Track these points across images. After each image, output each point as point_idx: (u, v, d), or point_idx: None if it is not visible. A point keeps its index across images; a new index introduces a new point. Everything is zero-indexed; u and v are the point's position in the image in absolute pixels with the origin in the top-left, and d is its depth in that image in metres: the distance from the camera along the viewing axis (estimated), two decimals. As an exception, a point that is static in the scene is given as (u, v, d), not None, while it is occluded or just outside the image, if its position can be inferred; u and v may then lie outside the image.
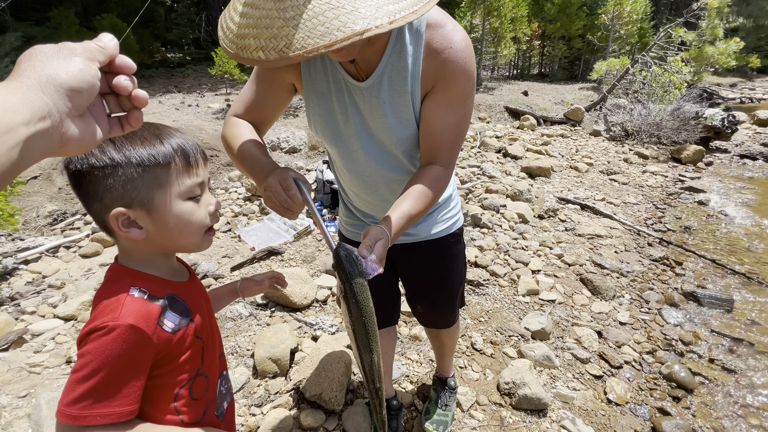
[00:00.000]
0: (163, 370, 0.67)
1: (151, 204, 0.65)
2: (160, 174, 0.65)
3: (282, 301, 2.40)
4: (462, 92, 0.94)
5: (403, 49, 0.92)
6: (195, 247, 0.74)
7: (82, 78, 0.39)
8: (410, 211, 0.89)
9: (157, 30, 13.33)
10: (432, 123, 0.96)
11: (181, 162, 0.67)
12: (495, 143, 6.21)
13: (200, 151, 0.72)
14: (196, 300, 0.76)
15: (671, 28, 8.73)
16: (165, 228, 0.68)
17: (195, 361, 0.72)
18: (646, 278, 3.08)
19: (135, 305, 0.63)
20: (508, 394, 1.88)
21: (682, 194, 5.10)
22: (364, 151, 1.05)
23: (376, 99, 0.96)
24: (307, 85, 1.02)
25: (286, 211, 0.85)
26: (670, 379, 2.10)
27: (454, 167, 1.02)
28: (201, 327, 0.74)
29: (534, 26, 13.14)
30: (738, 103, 13.38)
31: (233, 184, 4.42)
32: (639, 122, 7.45)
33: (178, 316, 0.69)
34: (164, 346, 0.65)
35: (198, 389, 0.74)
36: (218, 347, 0.83)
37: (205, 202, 0.72)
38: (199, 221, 0.71)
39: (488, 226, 3.50)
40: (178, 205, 0.68)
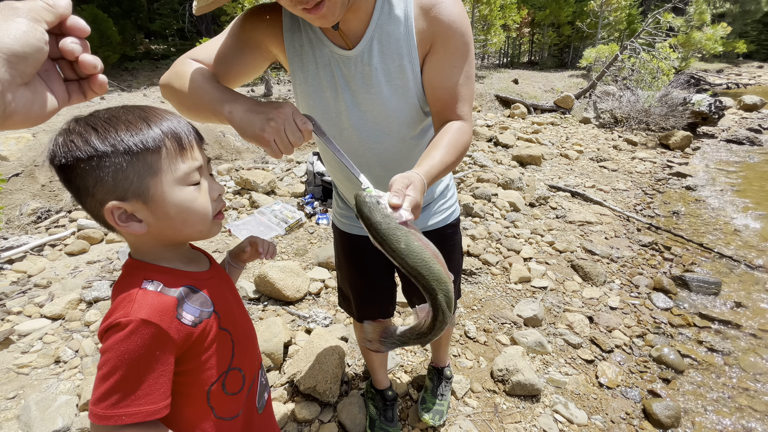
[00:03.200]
0: (190, 366, 0.64)
1: (146, 194, 0.60)
2: (152, 160, 0.59)
3: (274, 295, 2.39)
4: (462, 46, 0.90)
5: (391, 11, 0.88)
6: (204, 234, 0.69)
7: (26, 41, 0.34)
8: (442, 158, 0.81)
9: (140, 21, 12.99)
10: (440, 84, 0.91)
11: (173, 145, 0.61)
12: (486, 132, 6.20)
13: (194, 132, 0.66)
14: (218, 290, 0.71)
15: (659, 14, 8.74)
16: (166, 219, 0.63)
17: (224, 355, 0.69)
18: (635, 263, 3.12)
19: (147, 299, 0.59)
20: (502, 381, 1.90)
21: (671, 180, 5.16)
22: (355, 129, 0.99)
23: (368, 67, 0.91)
24: (291, 60, 0.96)
25: (287, 147, 0.76)
26: (660, 361, 2.13)
27: (472, 122, 0.96)
28: (227, 318, 0.70)
29: (523, 13, 13.08)
30: (724, 89, 13.52)
31: (222, 178, 4.36)
32: (628, 109, 7.49)
33: (198, 307, 0.65)
34: (186, 339, 0.62)
35: (232, 384, 0.71)
36: (253, 339, 0.80)
37: (206, 187, 0.67)
38: (202, 208, 0.66)
39: (480, 215, 3.50)
40: (177, 192, 0.62)
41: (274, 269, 2.40)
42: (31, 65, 0.36)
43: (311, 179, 3.80)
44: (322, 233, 3.24)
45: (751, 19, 21.95)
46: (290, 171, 4.56)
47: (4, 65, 0.33)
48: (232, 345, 0.71)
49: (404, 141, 1.04)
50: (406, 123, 1.00)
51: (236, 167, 4.64)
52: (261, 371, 0.82)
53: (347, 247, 1.32)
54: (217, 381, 0.68)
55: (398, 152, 1.05)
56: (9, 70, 0.34)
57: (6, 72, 0.34)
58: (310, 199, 3.71)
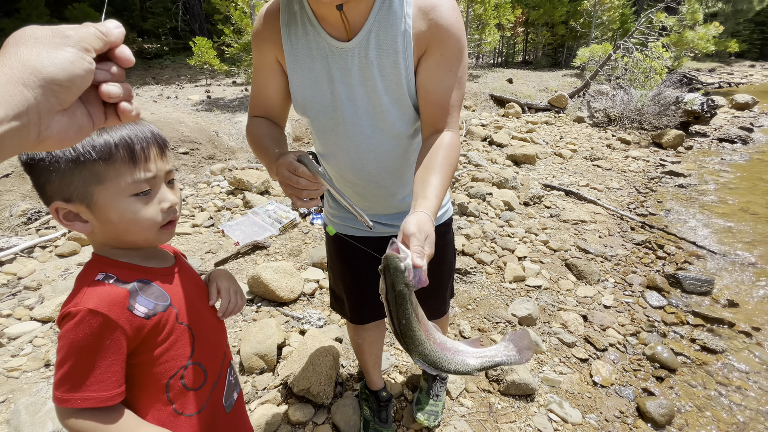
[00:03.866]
0: (146, 357, 0.66)
1: (90, 200, 0.62)
2: (99, 170, 0.61)
3: (268, 296, 2.37)
4: (457, 51, 0.92)
5: (391, 7, 0.89)
6: (150, 242, 0.70)
7: (72, 71, 0.34)
8: (442, 183, 0.85)
9: (132, 19, 12.88)
10: (432, 88, 0.93)
11: (124, 156, 0.62)
12: (481, 131, 6.21)
13: (156, 142, 0.67)
14: (179, 286, 0.73)
15: (652, 14, 8.80)
16: (109, 224, 0.65)
17: (183, 350, 0.70)
18: (629, 262, 3.13)
19: (97, 290, 0.61)
20: (496, 381, 1.90)
21: (663, 178, 5.19)
22: (350, 123, 1.00)
23: (365, 60, 0.92)
24: (289, 55, 0.97)
25: (306, 196, 0.83)
26: (654, 359, 2.14)
27: (459, 129, 1.00)
28: (186, 314, 0.72)
29: (518, 13, 13.11)
30: (717, 88, 13.65)
31: (215, 178, 4.33)
32: (621, 108, 7.53)
33: (153, 300, 0.67)
34: (137, 331, 0.63)
35: (192, 379, 0.72)
36: (219, 337, 0.81)
37: (158, 197, 0.68)
38: (147, 219, 0.67)
39: (475, 214, 3.50)
40: (121, 202, 0.64)
41: (267, 270, 2.38)
42: (73, 94, 0.36)
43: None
44: (316, 233, 3.22)
45: (744, 19, 22.17)
46: (284, 171, 4.54)
47: (45, 93, 0.33)
48: (192, 340, 0.72)
49: (398, 138, 1.04)
50: (399, 120, 1.00)
51: (230, 167, 4.61)
52: (230, 370, 0.83)
53: (340, 248, 1.31)
54: (176, 375, 0.69)
55: (392, 149, 1.05)
56: (49, 98, 0.34)
57: (46, 99, 0.34)
58: (305, 199, 3.69)
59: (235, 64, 8.19)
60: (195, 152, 4.77)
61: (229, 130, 5.59)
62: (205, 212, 3.53)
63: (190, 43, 7.94)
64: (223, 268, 0.97)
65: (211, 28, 12.57)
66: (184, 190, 4.05)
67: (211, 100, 7.14)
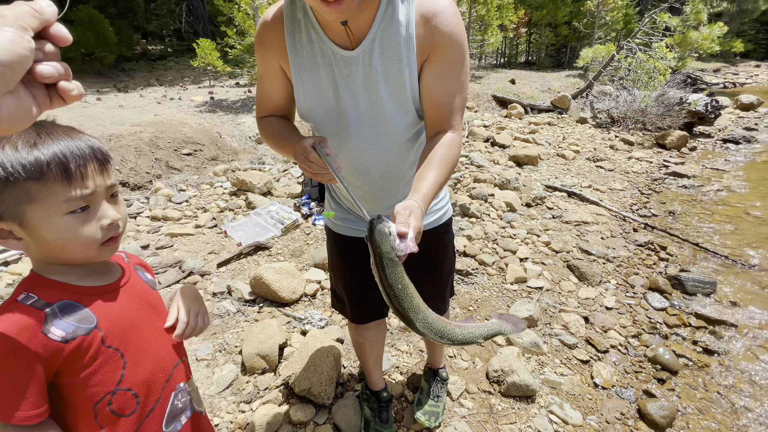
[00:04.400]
0: (72, 380, 0.64)
1: (22, 218, 0.60)
2: (31, 188, 0.58)
3: (270, 297, 2.38)
4: (459, 56, 0.94)
5: (394, 15, 0.91)
6: (89, 259, 0.68)
7: (15, 51, 0.34)
8: (437, 178, 0.88)
9: (137, 21, 12.96)
10: (436, 92, 0.96)
11: (57, 174, 0.59)
12: (483, 132, 6.21)
13: (94, 157, 0.64)
14: (114, 305, 0.69)
15: (656, 14, 8.77)
16: (44, 242, 0.62)
17: (111, 374, 0.67)
18: (631, 263, 3.13)
19: (12, 313, 0.59)
20: (497, 382, 1.90)
21: (667, 179, 5.17)
22: (353, 129, 1.02)
23: (369, 67, 0.94)
24: (294, 63, 0.99)
25: (316, 175, 0.90)
26: (655, 361, 2.14)
27: (462, 131, 1.03)
28: (116, 336, 0.68)
29: (520, 13, 13.10)
30: (721, 88, 13.57)
31: (218, 179, 4.35)
32: (624, 109, 7.51)
33: (73, 323, 0.63)
34: (54, 355, 0.60)
35: (122, 405, 0.68)
36: (166, 356, 0.76)
37: (98, 214, 0.65)
38: (85, 237, 0.64)
39: (476, 215, 3.50)
40: (56, 221, 0.61)
41: (269, 271, 2.39)
42: (17, 74, 0.36)
43: (308, 180, 3.79)
44: (318, 234, 3.23)
45: (749, 18, 22.02)
46: (287, 172, 4.56)
47: None
48: (122, 364, 0.68)
49: (399, 143, 1.06)
50: (402, 125, 1.03)
51: (233, 168, 4.64)
52: (177, 394, 0.77)
53: (342, 249, 1.32)
54: (102, 400, 0.66)
55: (394, 154, 1.07)
56: None
57: None
58: (307, 200, 3.70)
59: (238, 66, 8.23)
60: (198, 153, 4.80)
61: (232, 131, 5.62)
62: (208, 213, 3.55)
63: (193, 45, 7.99)
64: (191, 285, 0.90)
65: (215, 30, 12.64)
66: (187, 191, 4.07)
67: (214, 101, 7.17)
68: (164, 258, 2.84)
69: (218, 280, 2.62)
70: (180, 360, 0.80)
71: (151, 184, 4.16)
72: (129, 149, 4.32)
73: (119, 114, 5.23)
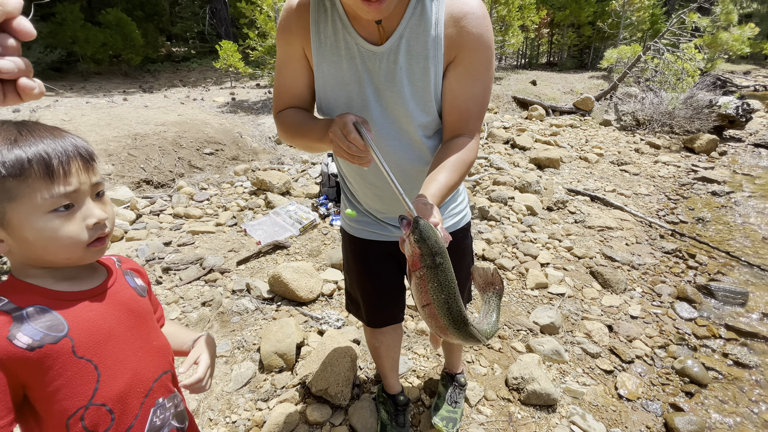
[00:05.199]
0: (39, 394, 0.59)
1: (2, 219, 0.58)
2: (11, 186, 0.56)
3: (288, 295, 2.40)
4: (485, 60, 0.93)
5: (423, 13, 0.90)
6: (75, 261, 0.64)
7: None
8: (448, 181, 0.87)
9: (162, 24, 13.31)
10: (459, 94, 0.94)
11: (39, 171, 0.57)
12: (503, 134, 6.12)
13: (77, 155, 0.61)
14: (90, 312, 0.65)
15: (684, 14, 8.49)
16: (25, 243, 0.59)
17: (82, 387, 0.62)
18: (658, 271, 3.02)
19: None
20: (517, 389, 1.85)
21: (696, 184, 4.99)
22: (375, 124, 1.00)
23: (393, 65, 0.93)
24: (316, 53, 0.97)
25: (353, 157, 0.83)
26: (683, 374, 2.06)
27: (479, 137, 1.00)
28: (89, 346, 0.63)
29: (542, 14, 12.88)
30: (752, 91, 13.03)
31: (239, 178, 4.42)
32: (651, 111, 7.29)
33: (42, 330, 0.58)
34: (20, 363, 0.56)
35: (95, 422, 0.64)
36: (146, 369, 0.71)
37: (82, 214, 0.62)
38: (69, 236, 0.61)
39: (496, 218, 3.45)
40: (37, 220, 0.58)
41: (288, 270, 2.41)
42: None
43: (326, 180, 3.81)
44: (335, 234, 3.24)
45: (782, 19, 21.10)
46: (305, 172, 4.59)
47: None
48: (96, 377, 0.63)
49: (420, 143, 1.04)
50: (423, 125, 1.01)
51: (253, 168, 4.70)
52: (156, 409, 0.72)
53: (358, 252, 1.31)
54: (75, 415, 0.62)
55: (413, 152, 1.06)
56: None
57: None
58: (324, 200, 3.72)
59: (259, 67, 8.35)
60: (219, 153, 4.88)
61: (252, 131, 5.70)
62: (228, 212, 3.60)
63: (216, 47, 8.14)
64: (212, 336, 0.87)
65: (237, 32, 12.87)
66: (209, 189, 4.14)
67: (235, 102, 7.30)
68: (185, 255, 2.89)
69: (237, 278, 2.65)
70: (163, 373, 0.75)
71: (174, 182, 4.25)
72: (153, 148, 4.43)
73: (144, 114, 5.37)
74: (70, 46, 9.68)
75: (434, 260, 0.68)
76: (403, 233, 0.71)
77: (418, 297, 0.71)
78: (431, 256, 0.68)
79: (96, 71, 10.48)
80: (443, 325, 0.71)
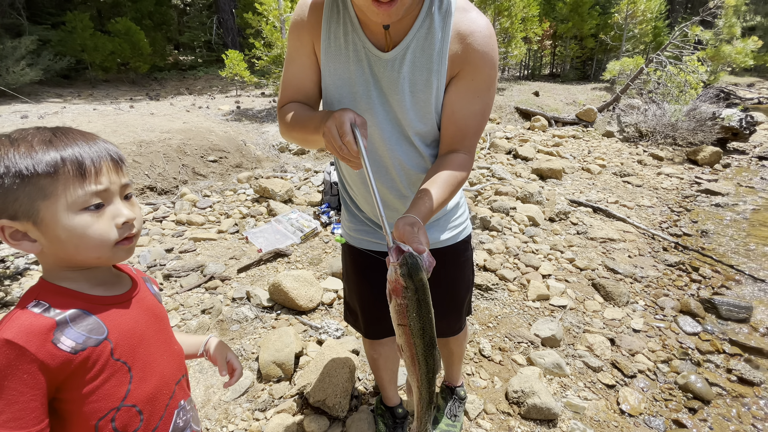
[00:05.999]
0: (73, 395, 0.61)
1: (36, 216, 0.60)
2: (45, 184, 0.59)
3: (288, 304, 2.39)
4: (488, 79, 0.94)
5: (431, 26, 0.91)
6: (104, 261, 0.66)
7: None
8: (437, 199, 0.87)
9: (170, 33, 13.53)
10: (458, 110, 0.96)
11: (71, 170, 0.60)
12: (505, 144, 6.14)
13: (108, 157, 0.65)
14: (125, 317, 0.68)
15: (687, 27, 8.54)
16: (58, 242, 0.62)
17: (116, 389, 0.65)
18: (661, 284, 2.99)
19: (21, 320, 0.58)
20: (517, 403, 1.83)
21: (699, 197, 4.97)
22: (379, 127, 1.01)
23: (397, 73, 0.94)
24: (325, 51, 0.99)
25: (342, 158, 0.82)
26: (686, 389, 2.02)
27: (475, 154, 1.01)
28: (125, 349, 0.66)
29: (545, 26, 13.00)
30: (756, 104, 13.03)
31: (242, 186, 4.44)
32: (653, 123, 7.29)
33: (84, 333, 0.61)
34: (62, 366, 0.58)
35: (125, 423, 0.66)
36: (170, 372, 0.74)
37: (111, 212, 0.64)
38: (98, 235, 0.63)
39: (497, 228, 3.44)
40: (69, 217, 0.61)
41: (288, 278, 2.41)
42: None
43: (328, 189, 3.82)
44: (336, 243, 3.24)
45: (785, 32, 21.18)
46: (308, 180, 4.61)
47: None
48: (129, 379, 0.66)
49: (419, 150, 1.06)
50: (420, 133, 1.03)
51: (256, 175, 4.72)
52: (179, 411, 0.75)
53: (359, 263, 1.31)
54: (106, 417, 0.64)
55: (414, 160, 1.07)
56: None
57: None
58: (326, 208, 3.73)
59: (264, 77, 8.45)
60: (223, 160, 4.92)
61: (256, 139, 5.74)
62: (231, 219, 3.62)
63: (222, 56, 8.25)
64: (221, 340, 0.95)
65: (243, 42, 13.05)
66: (212, 196, 4.17)
67: (240, 110, 7.36)
68: (187, 262, 2.89)
69: (238, 286, 2.65)
70: (182, 377, 0.78)
71: (177, 189, 4.28)
72: (158, 155, 4.47)
73: (150, 121, 5.43)
74: (79, 54, 9.85)
75: (416, 296, 0.72)
76: (391, 258, 0.74)
77: (396, 317, 0.76)
78: (414, 292, 0.71)
79: (104, 79, 10.64)
80: (413, 344, 0.77)
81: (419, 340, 0.75)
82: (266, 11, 7.48)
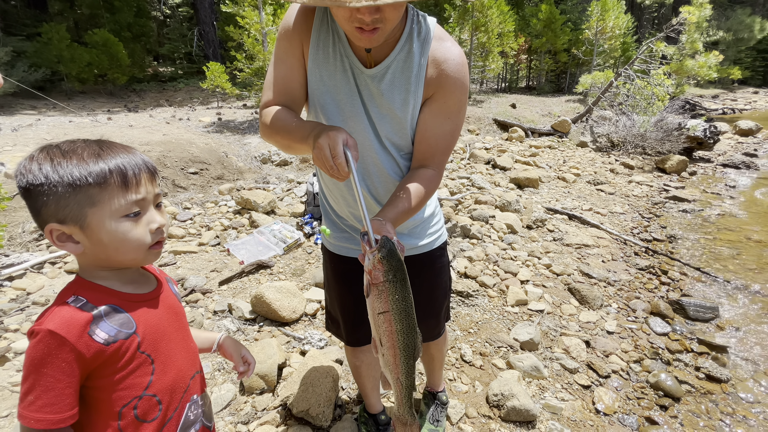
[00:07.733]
0: (102, 383, 0.68)
1: (84, 221, 0.67)
2: (93, 193, 0.66)
3: (270, 316, 2.39)
4: (458, 103, 1.03)
5: (410, 51, 0.99)
6: (138, 262, 0.74)
7: None
8: (405, 208, 0.96)
9: (149, 44, 13.38)
10: (429, 129, 1.04)
11: (117, 181, 0.68)
12: (484, 155, 6.30)
13: (146, 168, 0.72)
14: (150, 313, 0.75)
15: (652, 43, 9.00)
16: (100, 244, 0.69)
17: (140, 379, 0.71)
18: (632, 287, 3.12)
19: (61, 312, 0.64)
20: (497, 406, 1.88)
21: (667, 203, 5.20)
22: (361, 135, 1.07)
23: (377, 89, 1.02)
24: (313, 57, 1.03)
25: (332, 175, 0.86)
26: (657, 387, 2.12)
27: (443, 171, 1.10)
28: (150, 343, 0.73)
29: (520, 41, 13.46)
30: (720, 114, 13.74)
31: (223, 198, 4.41)
32: (624, 133, 7.61)
33: (116, 327, 0.68)
34: (95, 356, 0.65)
35: (146, 411, 0.72)
36: (186, 367, 0.81)
37: (147, 219, 0.72)
38: (136, 239, 0.71)
39: (477, 236, 3.53)
40: (112, 223, 0.68)
41: (270, 289, 2.41)
42: None
43: (310, 199, 3.85)
44: (320, 254, 3.26)
45: (745, 47, 22.48)
46: (290, 191, 4.62)
47: None
48: (151, 370, 0.73)
49: (395, 160, 1.13)
50: (396, 144, 1.10)
51: (237, 187, 4.71)
52: (191, 404, 0.81)
53: (339, 269, 1.34)
54: (129, 404, 0.70)
55: (392, 169, 1.13)
56: None
57: None
58: (309, 219, 3.74)
59: (246, 88, 8.45)
60: (204, 172, 4.89)
61: (238, 151, 5.73)
62: (212, 231, 3.59)
63: (203, 68, 8.22)
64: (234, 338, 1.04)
65: (225, 54, 13.03)
66: (192, 209, 4.13)
67: (222, 122, 7.33)
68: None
69: (219, 298, 2.63)
70: (196, 372, 0.84)
71: (157, 202, 4.22)
72: (137, 168, 4.40)
73: (129, 133, 5.36)
74: (55, 65, 9.64)
75: (397, 276, 0.78)
76: (365, 249, 0.81)
77: (377, 305, 0.81)
78: (395, 273, 0.78)
79: (80, 90, 10.42)
80: (394, 331, 0.82)
81: (401, 325, 0.80)
82: (248, 24, 7.53)
